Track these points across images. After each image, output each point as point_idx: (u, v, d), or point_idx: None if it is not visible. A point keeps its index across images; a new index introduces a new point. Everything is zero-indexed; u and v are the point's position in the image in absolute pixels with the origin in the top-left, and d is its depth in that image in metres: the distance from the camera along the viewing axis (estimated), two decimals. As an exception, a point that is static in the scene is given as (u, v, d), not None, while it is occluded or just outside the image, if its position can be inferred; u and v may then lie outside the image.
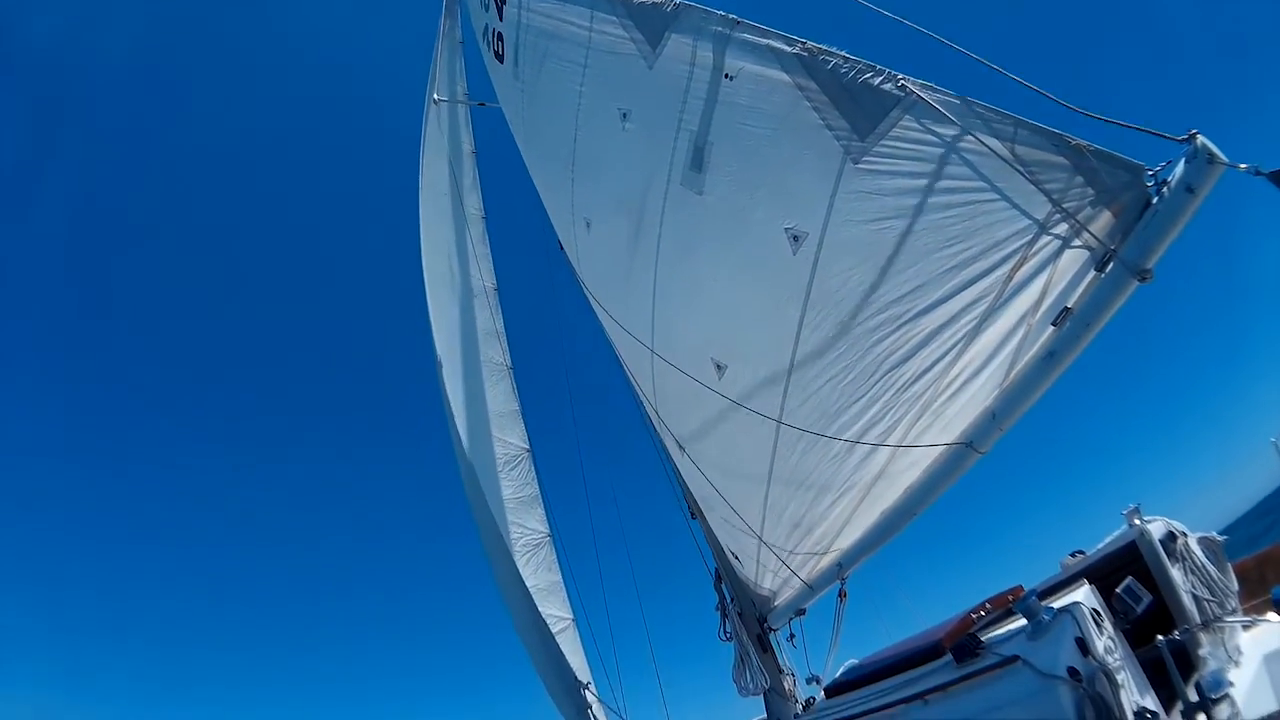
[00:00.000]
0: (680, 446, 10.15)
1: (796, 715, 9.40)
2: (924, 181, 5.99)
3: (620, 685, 12.96)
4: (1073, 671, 5.39)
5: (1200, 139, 4.60)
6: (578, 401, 15.74)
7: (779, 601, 9.80)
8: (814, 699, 9.60)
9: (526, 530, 13.57)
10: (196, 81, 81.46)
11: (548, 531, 14.05)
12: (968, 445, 6.54)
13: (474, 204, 15.82)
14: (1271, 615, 5.44)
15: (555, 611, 13.31)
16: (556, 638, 12.08)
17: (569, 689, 12.31)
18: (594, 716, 12.46)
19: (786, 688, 9.71)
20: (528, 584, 12.00)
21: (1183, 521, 7.38)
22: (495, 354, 14.72)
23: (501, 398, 14.57)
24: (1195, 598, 6.82)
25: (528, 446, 14.63)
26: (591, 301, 11.13)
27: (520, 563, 12.48)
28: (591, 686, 12.68)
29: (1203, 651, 6.46)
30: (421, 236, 13.96)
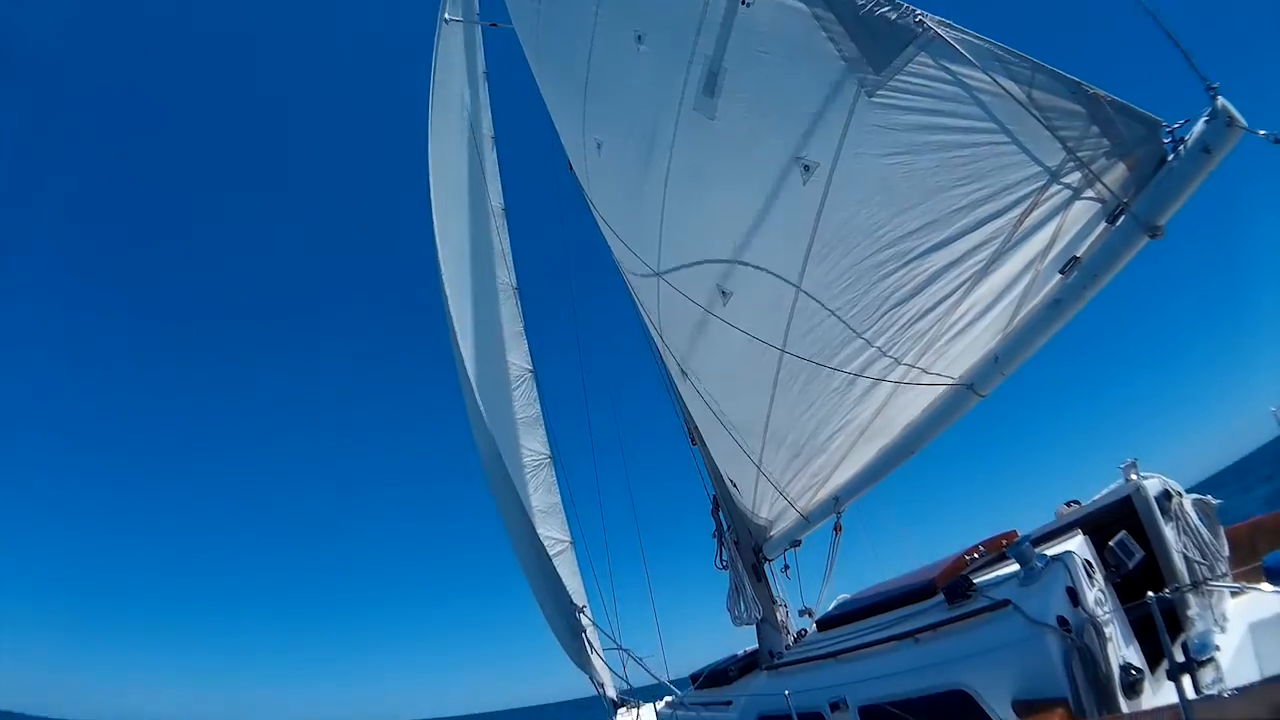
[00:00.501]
0: (683, 372, 10.13)
1: (788, 646, 9.48)
2: (938, 119, 5.86)
3: (615, 609, 13.14)
4: (1062, 621, 5.40)
5: (1220, 100, 4.50)
6: (582, 326, 15.69)
7: (775, 532, 9.85)
8: (806, 631, 9.71)
9: (528, 451, 13.62)
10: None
11: (548, 453, 14.09)
12: (969, 387, 6.52)
13: (484, 125, 15.58)
14: (1264, 585, 5.42)
15: (554, 534, 13.42)
16: (554, 560, 12.18)
17: (565, 612, 12.44)
18: (589, 640, 12.63)
19: (779, 618, 9.80)
20: (527, 505, 12.04)
21: (1177, 469, 7.39)
22: (502, 274, 14.64)
23: (506, 318, 14.52)
24: (1186, 558, 6.80)
25: (530, 368, 14.64)
26: (600, 224, 11.03)
27: (520, 484, 12.53)
28: (587, 610, 12.82)
29: (1191, 613, 6.48)
30: (430, 155, 13.76)
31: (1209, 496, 7.40)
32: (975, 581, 6.36)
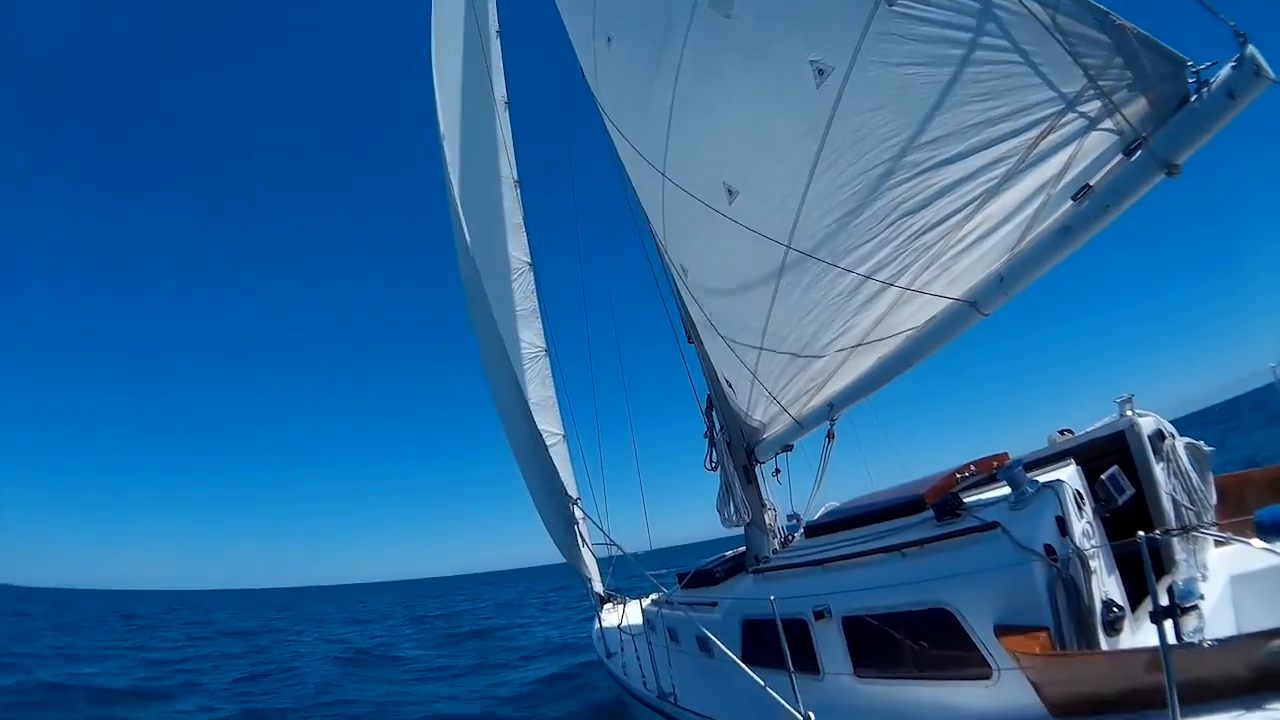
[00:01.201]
0: (684, 270, 9.98)
1: (775, 551, 9.57)
2: (957, 34, 5.65)
3: (606, 505, 13.27)
4: (1049, 549, 5.42)
5: (1250, 48, 4.35)
6: (583, 223, 15.44)
7: (767, 435, 9.85)
8: (793, 536, 9.78)
9: (524, 343, 13.56)
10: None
11: (544, 346, 14.10)
12: (971, 304, 6.47)
13: (490, 17, 15.12)
14: (1254, 540, 5.38)
15: (548, 426, 13.48)
16: (549, 451, 12.23)
17: (558, 504, 12.58)
18: (580, 532, 12.78)
19: (767, 522, 9.86)
20: (524, 397, 12.03)
21: (1170, 403, 7.33)
22: (504, 167, 14.42)
23: (507, 209, 14.36)
24: (1174, 501, 6.80)
25: (529, 260, 14.54)
26: (606, 122, 10.72)
27: (518, 375, 12.48)
28: (580, 503, 12.95)
29: (1177, 558, 6.50)
30: (433, 46, 13.31)
31: (1201, 442, 7.35)
32: (965, 501, 6.37)
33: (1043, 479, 5.94)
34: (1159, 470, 6.77)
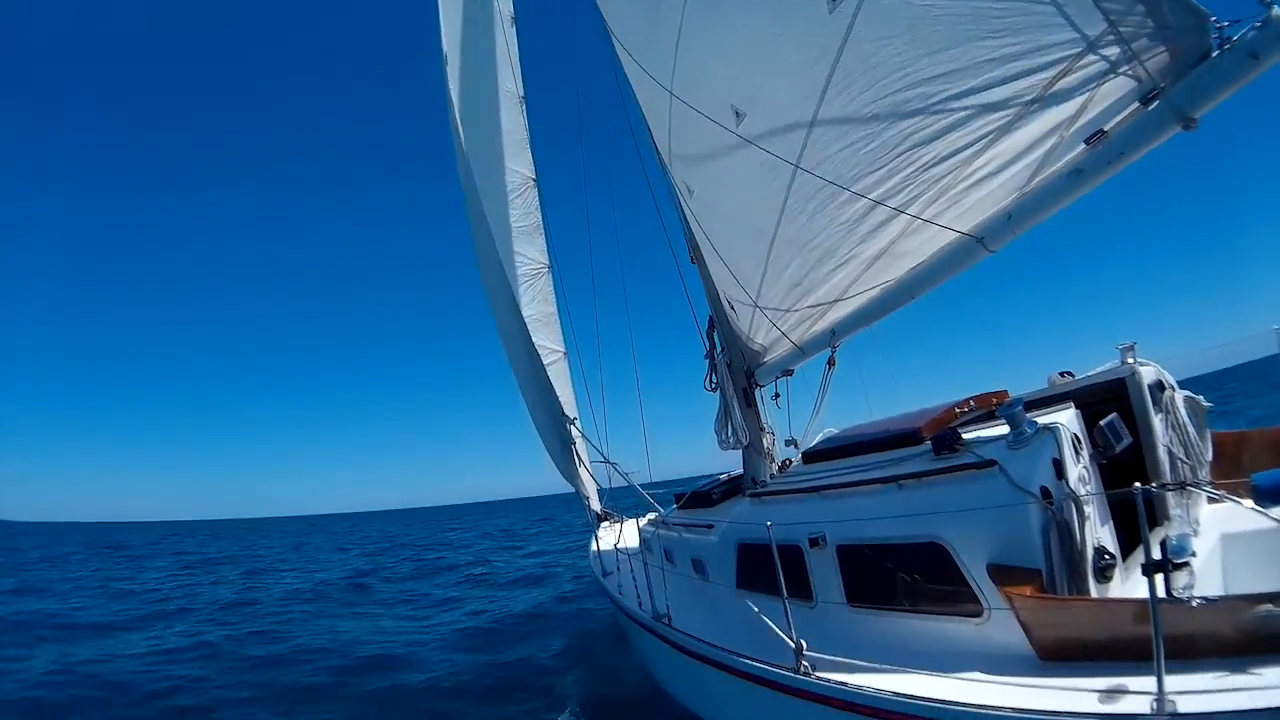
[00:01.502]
0: (689, 190, 9.86)
1: (772, 475, 9.61)
2: (976, -35, 5.49)
3: (604, 424, 13.32)
4: (1045, 491, 5.44)
5: (1276, 9, 4.24)
6: (587, 141, 15.11)
7: (768, 358, 9.86)
8: (790, 461, 9.83)
9: (526, 259, 13.46)
10: None
11: (547, 263, 13.97)
12: (978, 240, 6.40)
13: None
14: (1245, 500, 5.37)
15: (548, 343, 13.45)
16: (547, 370, 12.22)
17: (555, 422, 12.59)
18: (577, 453, 12.85)
19: (765, 446, 9.90)
20: (524, 314, 11.98)
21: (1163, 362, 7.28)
22: (508, 82, 14.09)
23: (511, 125, 14.07)
24: (1171, 454, 6.79)
25: (533, 176, 14.33)
26: (613, 40, 10.44)
27: (518, 292, 12.44)
28: (578, 422, 13.00)
29: (1171, 512, 6.50)
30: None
31: (1201, 398, 7.31)
32: (963, 437, 6.36)
33: (1042, 420, 5.93)
34: (1157, 421, 6.76)
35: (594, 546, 14.17)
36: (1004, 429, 6.04)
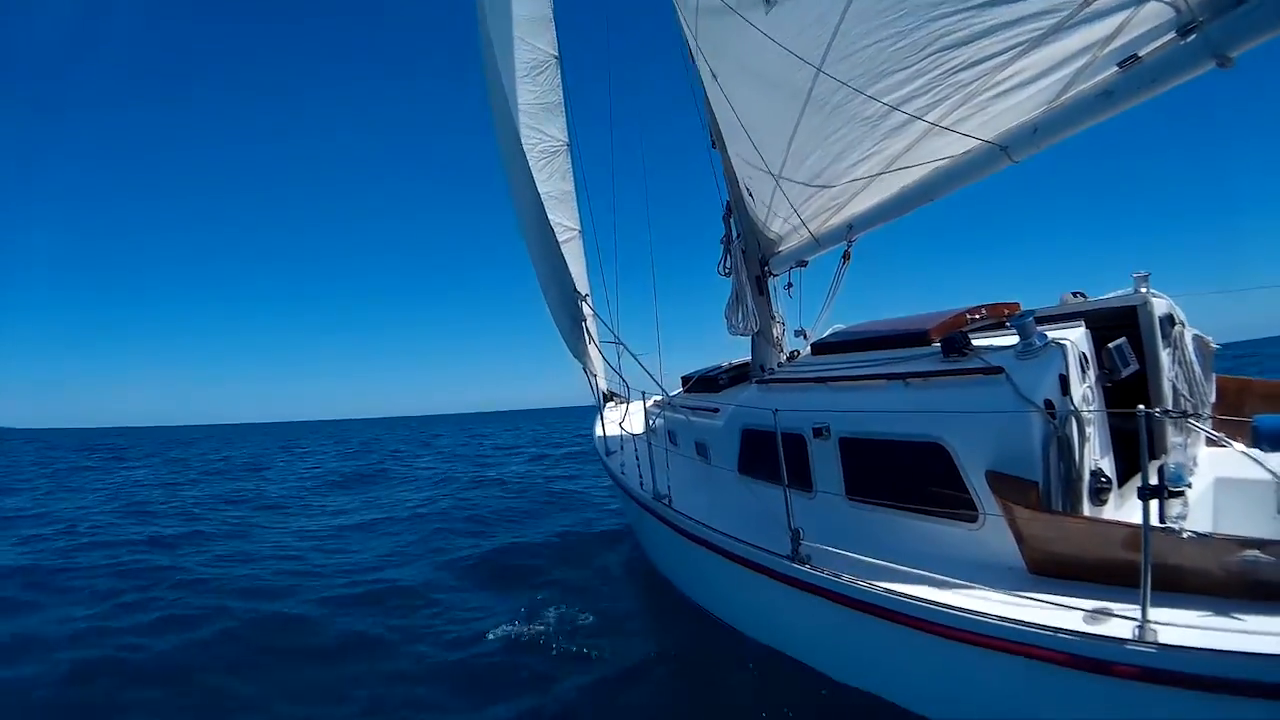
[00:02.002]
0: (713, 75, 9.68)
1: (779, 364, 9.70)
2: None
3: (616, 303, 13.39)
4: (1049, 405, 5.50)
5: None
6: (613, 18, 14.69)
7: (783, 248, 9.85)
8: (798, 352, 9.91)
9: (545, 136, 13.28)
10: None
11: (566, 140, 13.77)
12: (1002, 148, 6.34)
13: None
14: (1238, 443, 5.42)
15: (563, 221, 13.39)
16: (561, 247, 12.21)
17: (567, 299, 12.65)
18: (587, 330, 12.93)
19: (774, 335, 9.96)
20: (540, 190, 11.89)
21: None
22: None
23: (536, 3, 13.66)
24: (1175, 389, 6.81)
25: (556, 54, 13.97)
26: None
27: (535, 168, 12.31)
28: (589, 299, 13.03)
29: (1170, 442, 6.57)
30: None
31: (1210, 338, 7.29)
32: (973, 342, 6.42)
33: (1052, 335, 5.96)
34: (1165, 354, 6.78)
35: (599, 426, 14.39)
36: (1013, 339, 6.07)
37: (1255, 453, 5.38)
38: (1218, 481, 6.39)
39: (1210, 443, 6.90)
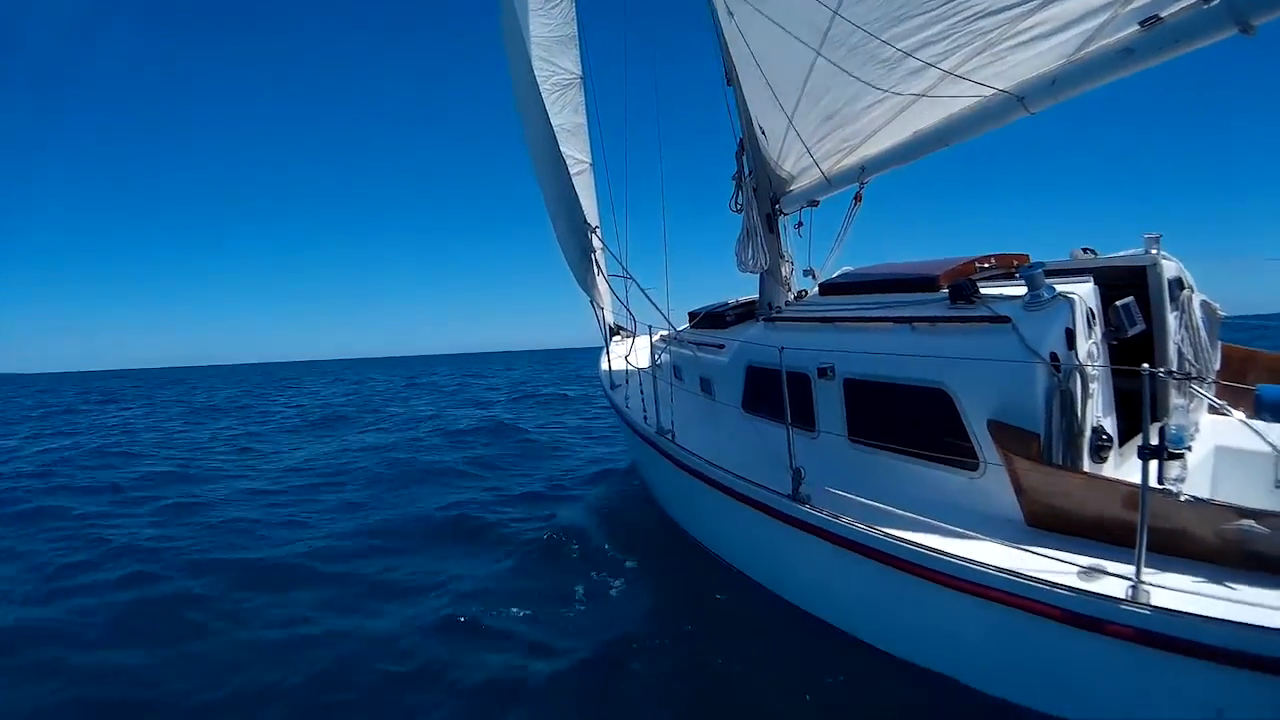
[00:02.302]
0: (729, 12, 9.60)
1: (787, 303, 9.77)
2: None
3: (626, 236, 13.39)
4: (1054, 358, 5.56)
5: None
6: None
7: (795, 187, 9.84)
8: (806, 292, 9.98)
9: (558, 69, 13.15)
10: None
11: (579, 74, 13.62)
12: (1019, 99, 6.32)
13: None
14: (1238, 412, 5.47)
15: (574, 154, 13.31)
16: (573, 180, 12.19)
17: (576, 230, 12.66)
18: (596, 262, 12.96)
19: (783, 273, 10.00)
20: (552, 123, 11.84)
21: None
22: None
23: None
24: (1180, 353, 6.85)
25: (572, -14, 13.68)
26: None
27: (547, 101, 12.21)
28: (599, 231, 13.05)
29: (1172, 405, 6.63)
30: None
31: (1218, 305, 7.30)
32: (980, 290, 6.48)
33: (1060, 288, 5.99)
34: (1172, 317, 6.82)
35: (604, 360, 14.44)
36: (1022, 289, 6.11)
37: (1258, 424, 5.45)
38: (1218, 450, 6.46)
39: (1212, 410, 6.95)
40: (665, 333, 11.93)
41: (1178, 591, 4.27)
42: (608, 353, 14.39)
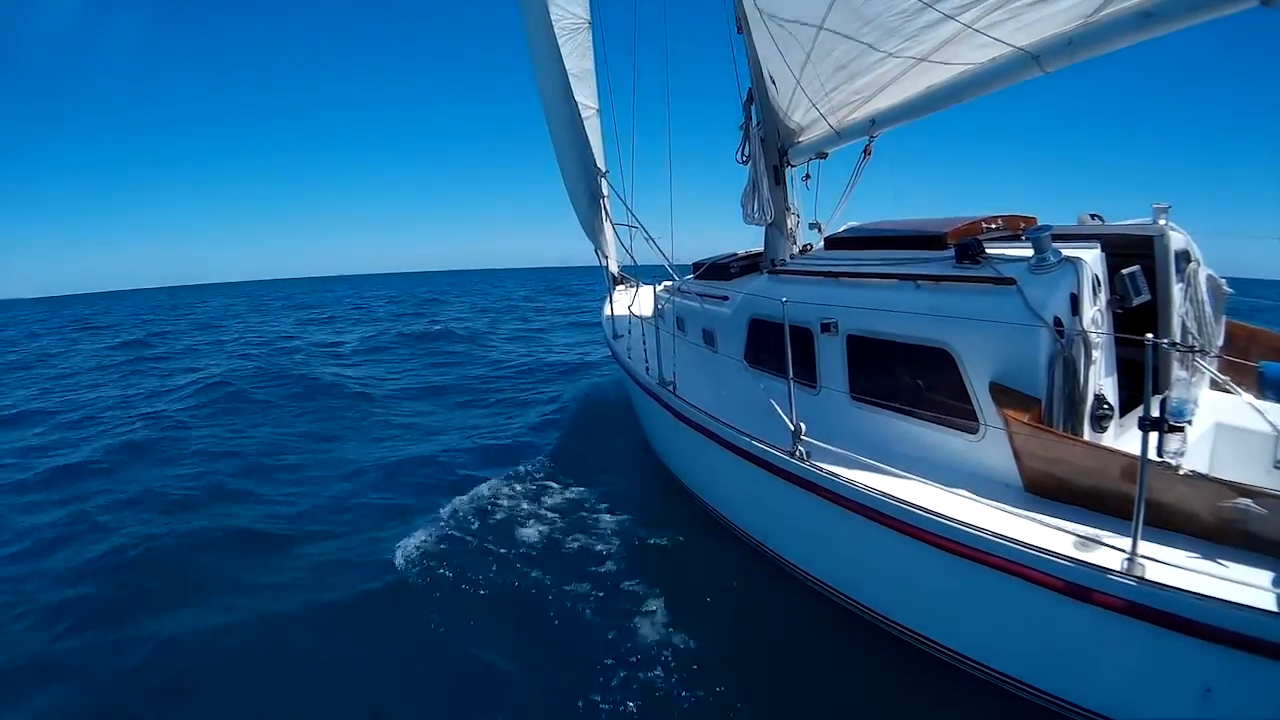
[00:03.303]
0: (741, -41, 9.44)
1: (792, 256, 9.73)
2: None
3: (633, 182, 13.24)
4: (1058, 323, 5.53)
5: None
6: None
7: (803, 138, 9.73)
8: (811, 246, 9.92)
9: (566, 13, 12.94)
10: None
11: (588, 18, 13.41)
12: (1035, 57, 6.23)
13: None
14: (1248, 396, 5.44)
15: (583, 99, 13.13)
16: (583, 123, 12.09)
17: (585, 175, 12.60)
18: (604, 208, 12.89)
19: (789, 226, 9.94)
20: (562, 66, 11.72)
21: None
22: None
23: None
24: (1184, 326, 6.80)
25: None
26: None
27: (559, 45, 12.04)
28: (607, 175, 12.96)
29: (1175, 378, 6.57)
30: None
31: (1224, 281, 7.23)
32: (987, 251, 6.43)
33: (1066, 253, 5.95)
34: (1177, 289, 6.77)
35: (608, 308, 14.43)
36: (1028, 251, 6.07)
37: (1260, 404, 5.43)
38: (1218, 426, 6.44)
39: (1214, 386, 6.92)
40: (669, 283, 11.90)
41: (1173, 566, 4.28)
42: (611, 301, 14.38)
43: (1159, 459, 4.62)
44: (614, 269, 14.85)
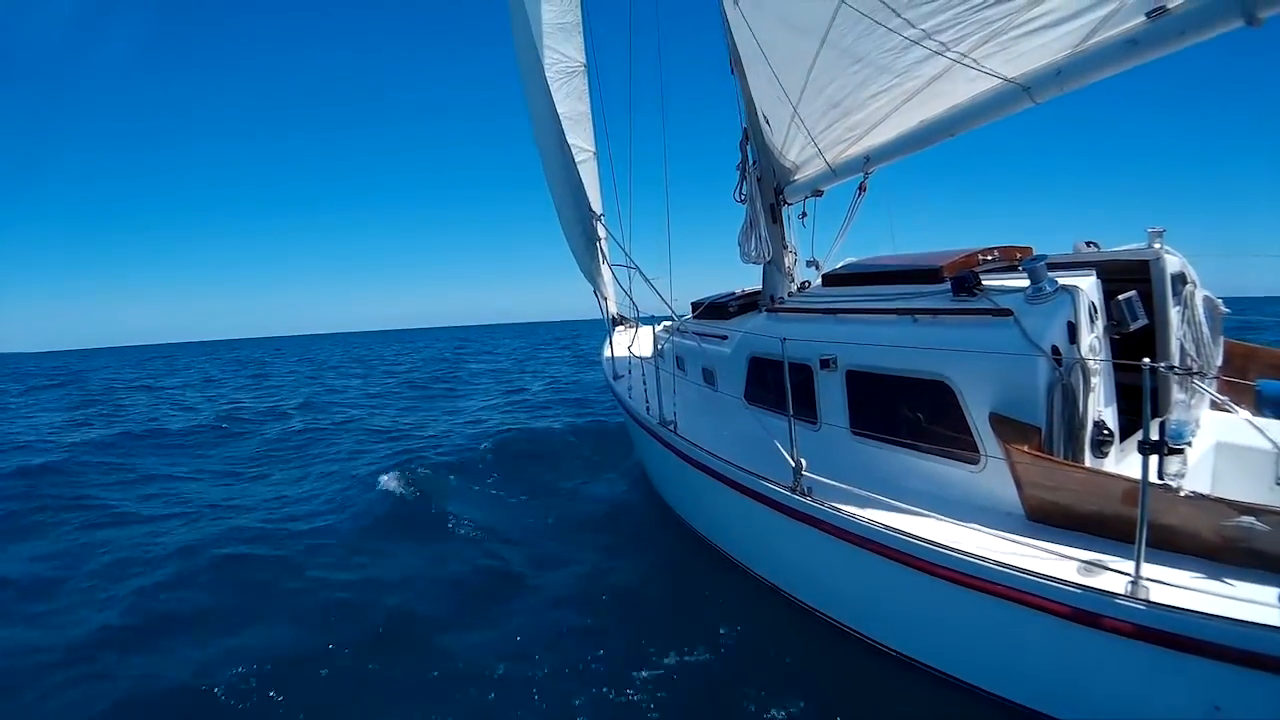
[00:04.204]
0: (734, 0, 9.55)
1: (790, 294, 9.75)
2: None
3: (630, 223, 13.31)
4: (1056, 351, 5.54)
5: None
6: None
7: (799, 176, 9.79)
8: (809, 283, 9.94)
9: (562, 56, 13.09)
10: None
11: (584, 62, 13.56)
12: (1024, 89, 6.28)
13: None
14: (1243, 410, 5.43)
15: (579, 142, 13.27)
16: (578, 167, 12.18)
17: (582, 219, 12.67)
18: (601, 251, 12.96)
19: (786, 264, 9.97)
20: (557, 110, 11.83)
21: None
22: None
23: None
24: (1182, 349, 6.80)
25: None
26: None
27: (552, 89, 12.17)
28: (603, 219, 13.03)
29: (1174, 400, 6.58)
30: None
31: (1220, 301, 7.25)
32: (983, 282, 6.46)
33: (1063, 281, 5.97)
34: (1174, 312, 6.77)
35: (608, 349, 14.48)
36: (1024, 282, 6.09)
37: (1259, 421, 5.41)
38: (1218, 446, 6.43)
39: (1214, 406, 6.92)
40: (668, 323, 11.92)
41: (1177, 588, 4.26)
42: (611, 342, 14.40)
43: (1160, 481, 4.62)
44: (613, 310, 14.87)
